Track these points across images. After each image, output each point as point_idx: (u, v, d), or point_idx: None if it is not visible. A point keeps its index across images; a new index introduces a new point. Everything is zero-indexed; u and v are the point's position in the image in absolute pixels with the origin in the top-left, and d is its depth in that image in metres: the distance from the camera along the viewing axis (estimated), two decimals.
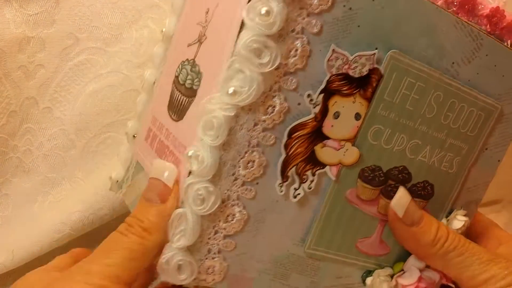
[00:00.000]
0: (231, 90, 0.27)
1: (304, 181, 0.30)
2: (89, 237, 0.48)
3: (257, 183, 0.29)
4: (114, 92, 0.47)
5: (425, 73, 0.31)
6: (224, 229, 0.30)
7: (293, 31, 0.28)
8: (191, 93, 0.31)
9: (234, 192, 0.29)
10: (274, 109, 0.29)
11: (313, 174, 0.31)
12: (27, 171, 0.48)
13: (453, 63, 0.32)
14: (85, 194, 0.47)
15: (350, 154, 0.31)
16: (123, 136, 0.49)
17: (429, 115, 0.33)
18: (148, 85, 0.38)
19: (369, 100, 0.30)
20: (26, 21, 0.46)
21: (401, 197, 0.33)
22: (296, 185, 0.30)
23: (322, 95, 0.29)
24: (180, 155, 0.31)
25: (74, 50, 0.47)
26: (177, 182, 0.30)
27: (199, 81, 0.31)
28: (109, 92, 0.47)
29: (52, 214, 0.47)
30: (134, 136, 0.38)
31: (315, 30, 0.28)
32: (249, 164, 0.29)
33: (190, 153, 0.28)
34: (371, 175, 0.32)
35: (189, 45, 0.33)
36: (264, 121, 0.29)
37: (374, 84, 0.30)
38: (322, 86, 0.29)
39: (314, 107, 0.29)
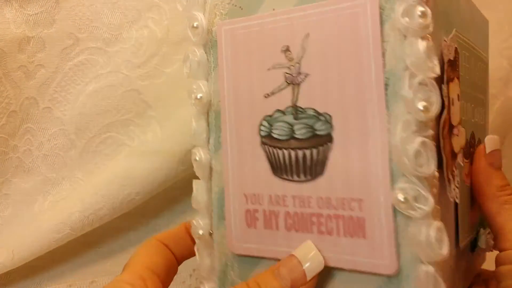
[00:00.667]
0: (421, 106, 0.24)
1: (454, 177, 0.29)
2: (89, 237, 0.48)
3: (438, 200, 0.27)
4: (114, 92, 0.47)
5: (467, 43, 0.34)
6: None
7: None
8: (318, 141, 0.28)
9: None
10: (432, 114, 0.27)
11: (455, 168, 0.29)
12: (27, 171, 0.48)
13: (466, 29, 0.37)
14: (85, 194, 0.47)
15: (462, 136, 0.31)
16: (123, 136, 0.49)
17: (471, 78, 0.35)
18: (205, 168, 0.33)
19: (459, 78, 0.30)
20: (26, 21, 0.46)
21: (495, 139, 0.34)
22: (453, 183, 0.28)
23: (445, 85, 0.28)
24: (356, 211, 0.27)
25: (74, 50, 0.47)
26: (315, 277, 0.27)
27: (327, 122, 0.28)
28: (109, 92, 0.47)
29: (52, 214, 0.47)
30: (210, 233, 0.33)
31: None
32: (435, 181, 0.26)
33: (402, 198, 0.25)
34: (466, 149, 0.33)
35: (268, 95, 0.30)
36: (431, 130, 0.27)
37: (458, 63, 0.30)
38: (446, 77, 0.28)
39: (446, 99, 0.28)
